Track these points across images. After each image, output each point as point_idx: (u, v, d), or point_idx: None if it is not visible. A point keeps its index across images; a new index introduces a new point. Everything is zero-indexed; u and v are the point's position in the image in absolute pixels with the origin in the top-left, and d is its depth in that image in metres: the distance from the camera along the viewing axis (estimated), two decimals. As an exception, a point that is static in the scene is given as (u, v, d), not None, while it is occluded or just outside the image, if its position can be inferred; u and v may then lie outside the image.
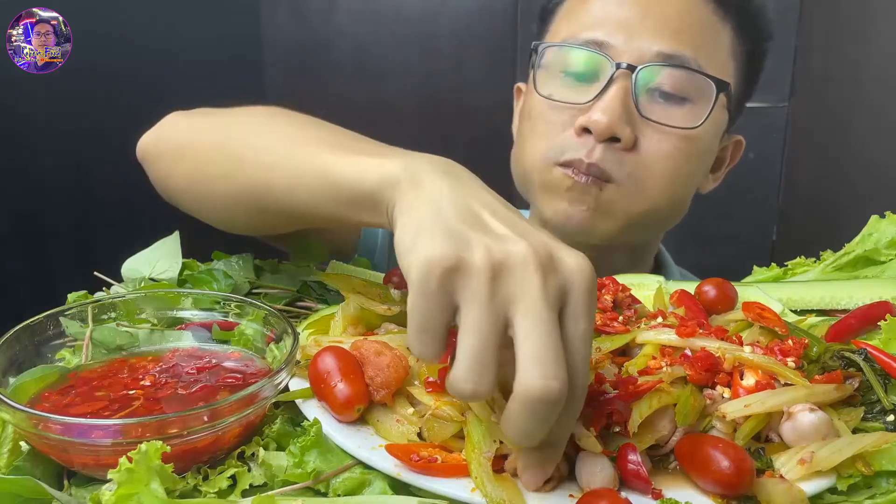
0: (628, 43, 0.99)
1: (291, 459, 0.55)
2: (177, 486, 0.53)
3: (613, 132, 0.97)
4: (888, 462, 0.54)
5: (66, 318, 0.69)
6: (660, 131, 0.99)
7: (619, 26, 1.01)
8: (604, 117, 0.96)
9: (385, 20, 2.19)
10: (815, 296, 0.85)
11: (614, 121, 0.96)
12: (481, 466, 0.53)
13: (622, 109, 0.97)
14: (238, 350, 0.71)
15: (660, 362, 0.61)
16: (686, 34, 1.01)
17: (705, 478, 0.53)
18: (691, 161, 1.03)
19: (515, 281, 0.49)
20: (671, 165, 1.01)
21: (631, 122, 0.98)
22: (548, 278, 0.49)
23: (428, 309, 0.49)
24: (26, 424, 0.54)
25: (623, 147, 0.98)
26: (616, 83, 0.98)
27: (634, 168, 0.99)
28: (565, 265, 0.51)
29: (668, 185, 1.02)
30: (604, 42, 1.00)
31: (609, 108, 0.97)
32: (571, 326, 0.50)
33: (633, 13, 1.01)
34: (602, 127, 0.96)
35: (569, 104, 1.01)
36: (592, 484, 0.53)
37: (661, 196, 1.02)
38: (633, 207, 1.01)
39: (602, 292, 0.76)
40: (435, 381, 0.60)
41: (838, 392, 0.59)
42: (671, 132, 0.99)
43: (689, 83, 0.99)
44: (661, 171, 1.00)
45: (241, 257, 0.92)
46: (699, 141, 1.02)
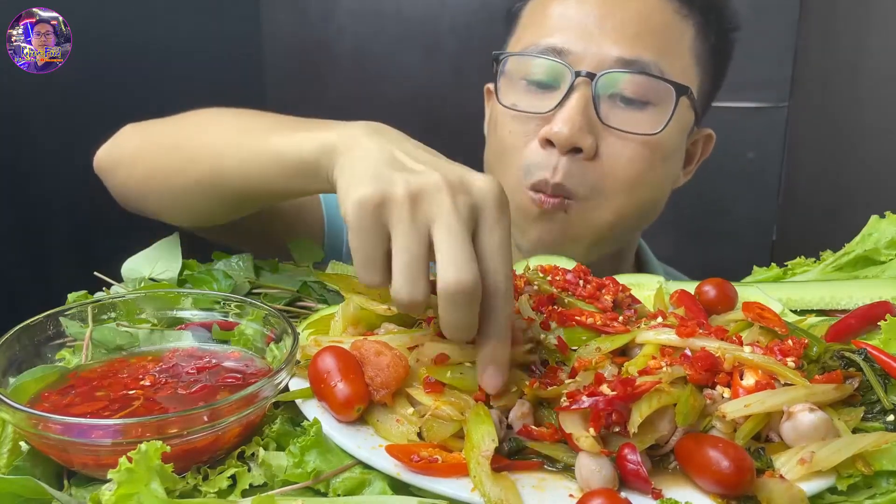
0: (588, 49, 0.99)
1: (291, 459, 0.55)
2: (177, 486, 0.53)
3: (574, 143, 0.97)
4: (888, 462, 0.54)
5: (66, 318, 0.69)
6: (621, 138, 0.99)
7: (579, 32, 1.00)
8: (564, 128, 0.96)
9: (385, 20, 2.19)
10: (815, 296, 0.85)
11: (574, 132, 0.96)
12: (480, 466, 0.53)
13: (583, 119, 0.97)
14: (238, 350, 0.71)
15: (660, 362, 0.61)
16: (647, 38, 1.00)
17: (705, 478, 0.53)
18: (655, 166, 1.02)
19: (431, 203, 0.58)
20: (633, 171, 1.00)
21: (592, 130, 0.98)
22: (458, 198, 0.58)
23: (366, 242, 0.59)
24: (26, 424, 0.54)
25: (585, 157, 0.98)
26: (576, 91, 0.98)
27: (597, 178, 1.00)
28: (475, 186, 0.60)
29: (631, 191, 1.01)
30: (563, 49, 1.00)
31: (569, 118, 0.97)
32: (486, 237, 0.59)
33: (592, 18, 1.00)
34: (563, 138, 0.96)
35: (531, 114, 1.02)
36: (592, 484, 0.53)
37: (626, 204, 1.02)
38: (599, 220, 1.01)
39: (602, 292, 0.76)
40: (435, 381, 0.60)
41: (838, 392, 0.59)
42: (633, 138, 0.99)
43: (651, 88, 0.99)
44: (624, 178, 1.00)
45: (241, 257, 0.92)
46: (662, 145, 1.02)
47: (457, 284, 0.55)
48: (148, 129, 0.99)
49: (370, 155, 0.64)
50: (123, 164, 0.98)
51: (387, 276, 0.59)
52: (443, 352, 0.61)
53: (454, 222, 0.57)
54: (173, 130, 0.95)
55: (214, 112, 0.94)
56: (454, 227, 0.57)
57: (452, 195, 0.58)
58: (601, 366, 0.62)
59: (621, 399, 0.56)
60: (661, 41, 1.01)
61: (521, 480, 0.55)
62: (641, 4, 1.02)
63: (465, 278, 0.56)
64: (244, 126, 0.87)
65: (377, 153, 0.64)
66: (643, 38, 1.00)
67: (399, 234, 0.58)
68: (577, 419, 0.56)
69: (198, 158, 0.87)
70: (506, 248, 0.59)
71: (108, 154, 1.00)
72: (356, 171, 0.63)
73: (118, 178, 0.98)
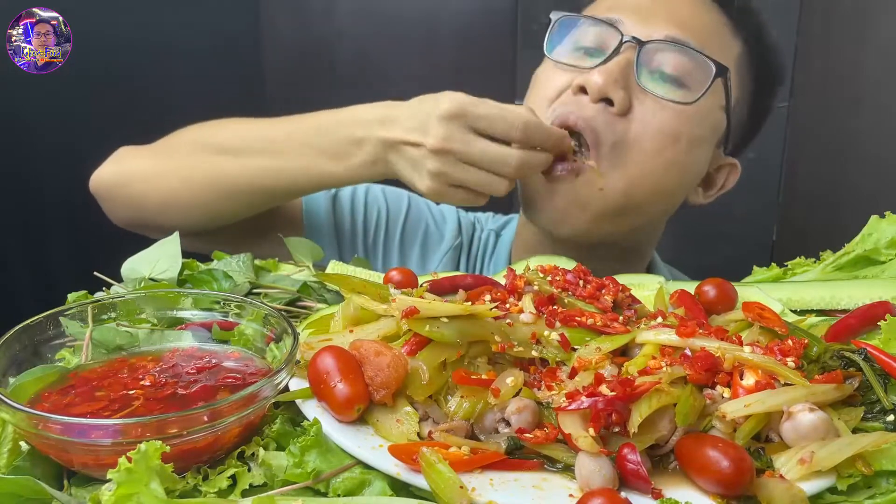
0: (640, 25, 1.03)
1: (291, 459, 0.55)
2: (177, 485, 0.53)
3: (606, 93, 0.99)
4: (888, 462, 0.54)
5: (66, 318, 0.69)
6: (655, 102, 1.01)
7: (633, 10, 1.05)
8: (599, 78, 0.99)
9: (385, 21, 2.19)
10: (815, 296, 0.85)
11: (609, 82, 0.99)
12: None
13: (620, 74, 1.00)
14: (238, 350, 0.71)
15: (660, 362, 0.61)
16: (696, 27, 1.04)
17: (705, 477, 0.53)
18: (680, 143, 1.03)
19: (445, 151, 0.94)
20: (659, 141, 1.02)
21: (628, 87, 1.01)
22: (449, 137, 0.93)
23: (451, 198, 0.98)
24: (26, 424, 0.54)
25: (616, 111, 1.00)
26: (621, 54, 1.01)
27: (622, 135, 1.01)
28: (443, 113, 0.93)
29: (649, 162, 1.02)
30: (617, 20, 1.04)
31: (607, 70, 1.00)
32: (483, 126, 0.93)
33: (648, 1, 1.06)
34: (596, 86, 0.99)
35: (573, 67, 1.05)
36: (592, 484, 0.53)
37: (640, 176, 1.02)
38: (610, 187, 1.02)
39: (602, 292, 0.76)
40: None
41: (838, 392, 0.59)
42: (666, 105, 1.01)
43: (691, 69, 1.02)
44: (649, 144, 1.01)
45: (241, 257, 0.92)
46: (691, 123, 1.03)
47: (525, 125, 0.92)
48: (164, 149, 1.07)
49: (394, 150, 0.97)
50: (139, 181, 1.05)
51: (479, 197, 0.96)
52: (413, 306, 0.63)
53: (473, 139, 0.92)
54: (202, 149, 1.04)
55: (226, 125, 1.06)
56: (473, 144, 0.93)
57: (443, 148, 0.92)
58: (601, 366, 0.62)
59: (621, 399, 0.56)
60: (706, 34, 1.05)
61: (522, 480, 0.55)
62: (693, 2, 1.08)
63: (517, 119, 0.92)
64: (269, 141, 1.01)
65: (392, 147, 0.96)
66: (692, 25, 1.04)
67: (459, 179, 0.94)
68: (576, 419, 0.56)
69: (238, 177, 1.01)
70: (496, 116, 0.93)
71: (118, 174, 1.06)
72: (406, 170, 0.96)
73: (132, 195, 1.05)
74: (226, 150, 1.02)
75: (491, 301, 0.70)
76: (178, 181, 1.02)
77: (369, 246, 1.21)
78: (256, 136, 1.03)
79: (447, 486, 0.52)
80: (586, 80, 1.00)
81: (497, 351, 0.64)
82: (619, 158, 1.01)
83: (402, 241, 1.23)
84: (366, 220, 1.21)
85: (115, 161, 1.08)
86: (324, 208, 1.18)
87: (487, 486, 0.53)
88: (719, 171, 1.16)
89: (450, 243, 1.25)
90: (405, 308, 0.63)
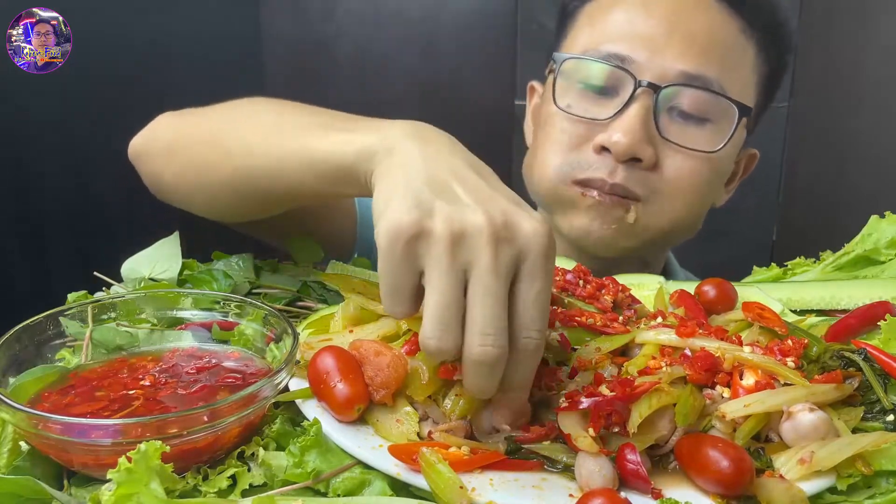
0: (652, 60, 0.97)
1: (291, 459, 0.55)
2: (177, 486, 0.53)
3: (634, 153, 0.96)
4: (888, 462, 0.54)
5: (66, 318, 0.69)
6: (681, 152, 0.98)
7: (644, 42, 0.98)
8: (624, 138, 0.95)
9: (385, 21, 2.19)
10: (815, 296, 0.85)
11: (635, 142, 0.95)
12: None
13: (643, 130, 0.96)
14: (238, 350, 0.71)
15: (659, 362, 0.61)
16: (711, 54, 0.99)
17: (705, 477, 0.53)
18: (712, 181, 1.03)
19: (472, 249, 0.54)
20: (693, 184, 1.00)
21: (651, 141, 0.97)
22: (501, 247, 0.54)
23: (395, 272, 0.55)
24: (26, 424, 0.54)
25: (645, 167, 0.98)
26: (637, 101, 0.96)
27: (658, 185, 0.99)
28: (522, 232, 0.55)
29: (689, 203, 1.02)
30: (626, 57, 0.98)
31: (630, 128, 0.95)
32: (525, 288, 0.55)
33: (659, 29, 0.99)
34: (622, 148, 0.95)
35: (587, 119, 1.00)
36: (592, 484, 0.53)
37: (682, 213, 1.02)
38: (657, 224, 1.01)
39: (602, 292, 0.76)
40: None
41: (838, 392, 0.59)
42: (692, 154, 0.99)
43: (711, 105, 0.98)
44: (684, 190, 1.00)
45: (241, 257, 0.92)
46: (719, 161, 1.02)
47: (480, 356, 0.53)
48: (185, 120, 0.96)
49: (412, 166, 0.59)
50: (159, 154, 0.95)
51: (413, 307, 0.56)
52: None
53: (492, 281, 0.53)
54: (209, 124, 0.92)
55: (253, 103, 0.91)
56: (491, 287, 0.53)
57: (496, 243, 0.54)
58: (601, 366, 0.62)
59: (620, 399, 0.56)
60: (724, 58, 1.00)
61: (522, 480, 0.55)
62: (708, 20, 1.01)
63: (489, 352, 0.53)
64: (281, 123, 0.82)
65: (420, 165, 0.59)
66: (708, 53, 0.99)
67: (433, 275, 0.54)
68: (576, 419, 0.56)
69: (230, 154, 0.84)
70: (544, 299, 0.56)
71: (145, 144, 0.97)
72: (396, 185, 0.58)
73: (155, 167, 0.96)
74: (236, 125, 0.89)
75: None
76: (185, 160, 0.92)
77: None
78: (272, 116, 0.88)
79: (447, 487, 0.52)
80: (609, 141, 0.96)
81: (497, 351, 0.64)
82: (660, 204, 1.00)
83: None
84: None
85: (147, 128, 0.99)
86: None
87: (487, 486, 0.53)
88: (738, 164, 1.15)
89: None
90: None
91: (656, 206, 1.00)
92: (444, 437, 0.58)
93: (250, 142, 0.83)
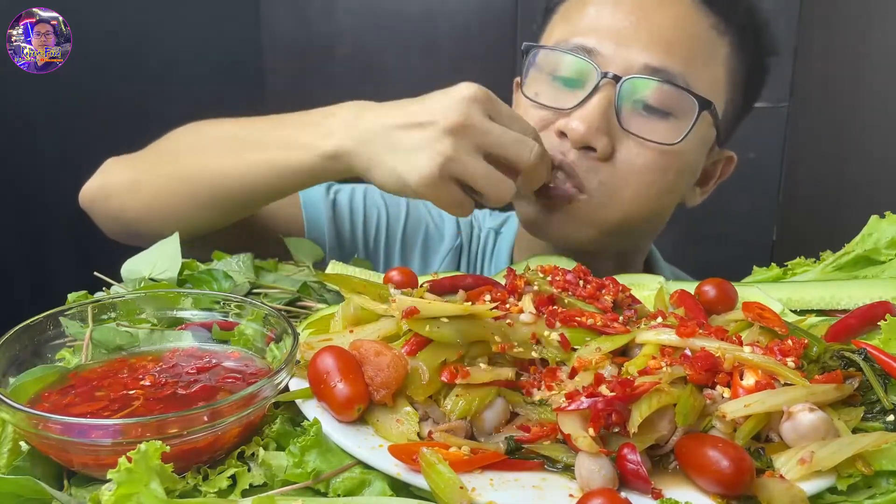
0: (617, 52, 0.99)
1: (291, 459, 0.55)
2: (177, 486, 0.53)
3: (588, 142, 0.97)
4: (888, 462, 0.54)
5: (66, 318, 0.69)
6: (639, 144, 0.99)
7: (611, 34, 1.00)
8: (581, 126, 0.97)
9: (385, 20, 2.19)
10: (815, 296, 0.85)
11: (591, 130, 0.96)
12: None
13: (601, 119, 0.97)
14: (238, 350, 0.71)
15: (660, 362, 0.61)
16: (677, 48, 1.00)
17: (705, 477, 0.53)
18: (668, 175, 1.02)
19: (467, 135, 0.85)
20: (646, 179, 1.00)
21: (610, 132, 0.98)
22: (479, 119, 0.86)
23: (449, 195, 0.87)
24: (26, 424, 0.54)
25: (599, 157, 0.99)
26: (600, 92, 0.98)
27: (608, 178, 1.00)
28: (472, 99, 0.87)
29: (641, 197, 1.01)
30: (593, 49, 1.00)
31: (588, 116, 0.97)
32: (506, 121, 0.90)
33: (627, 22, 1.00)
34: (578, 135, 0.97)
35: (552, 108, 1.02)
36: (592, 484, 0.53)
37: (634, 207, 1.02)
38: (606, 216, 1.02)
39: (602, 293, 0.76)
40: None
41: (838, 392, 0.59)
42: (650, 146, 0.99)
43: (674, 98, 0.99)
44: (635, 184, 1.00)
45: (241, 257, 0.92)
46: (680, 156, 1.02)
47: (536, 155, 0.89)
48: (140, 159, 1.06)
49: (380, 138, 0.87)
50: (119, 193, 1.05)
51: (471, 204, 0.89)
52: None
53: (494, 127, 0.86)
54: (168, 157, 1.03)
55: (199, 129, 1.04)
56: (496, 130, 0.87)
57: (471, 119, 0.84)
58: (601, 366, 0.62)
59: (621, 399, 0.56)
60: (690, 53, 1.01)
61: (522, 480, 0.55)
62: (676, 14, 1.02)
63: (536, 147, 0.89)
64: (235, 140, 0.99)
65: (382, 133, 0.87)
66: (673, 47, 0.99)
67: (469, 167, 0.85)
68: (576, 419, 0.56)
69: (200, 181, 0.98)
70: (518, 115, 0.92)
71: (102, 188, 1.07)
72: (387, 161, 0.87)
73: (114, 207, 1.05)
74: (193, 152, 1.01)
75: (491, 301, 0.70)
76: (152, 193, 1.01)
77: (370, 250, 1.20)
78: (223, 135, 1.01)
79: (447, 487, 0.52)
80: (567, 127, 0.98)
81: (497, 351, 0.64)
82: (608, 196, 1.00)
83: (403, 244, 1.23)
84: (366, 224, 1.20)
85: (99, 174, 1.09)
86: (324, 215, 1.17)
87: (487, 486, 0.53)
88: (714, 166, 1.15)
89: (450, 244, 1.24)
90: (405, 308, 0.63)
91: (603, 198, 1.00)
92: (444, 437, 0.58)
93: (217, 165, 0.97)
